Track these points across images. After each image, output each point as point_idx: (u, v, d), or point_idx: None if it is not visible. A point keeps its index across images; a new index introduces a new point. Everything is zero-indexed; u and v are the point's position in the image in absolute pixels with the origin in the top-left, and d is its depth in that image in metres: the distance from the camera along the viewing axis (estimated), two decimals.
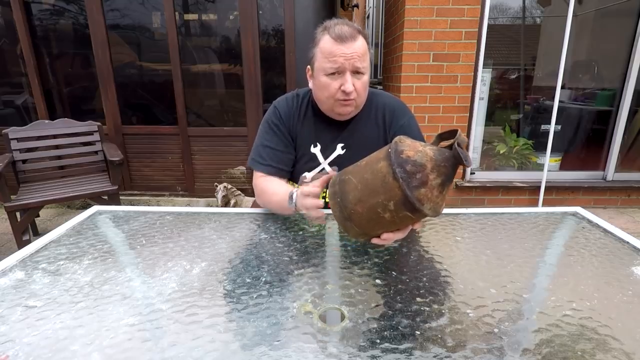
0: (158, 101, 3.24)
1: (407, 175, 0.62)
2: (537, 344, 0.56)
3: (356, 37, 0.96)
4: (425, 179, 0.62)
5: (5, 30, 3.01)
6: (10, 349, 0.56)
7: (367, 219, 0.68)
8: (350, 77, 0.97)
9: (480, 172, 3.17)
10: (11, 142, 2.50)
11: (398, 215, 0.65)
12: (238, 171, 3.24)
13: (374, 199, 0.65)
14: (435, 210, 0.65)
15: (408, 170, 0.62)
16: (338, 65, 0.96)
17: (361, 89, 1.00)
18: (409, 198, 0.61)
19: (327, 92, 1.01)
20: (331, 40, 0.96)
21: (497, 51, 3.29)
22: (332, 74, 0.98)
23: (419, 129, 1.13)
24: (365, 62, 0.99)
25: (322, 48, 0.98)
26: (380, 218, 0.66)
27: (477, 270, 0.78)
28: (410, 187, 0.61)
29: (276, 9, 2.96)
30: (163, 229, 1.00)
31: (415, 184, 0.62)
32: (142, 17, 3.02)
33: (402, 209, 0.64)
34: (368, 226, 0.69)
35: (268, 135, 1.11)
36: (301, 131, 1.12)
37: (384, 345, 0.56)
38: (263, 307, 0.65)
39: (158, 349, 0.56)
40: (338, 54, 0.95)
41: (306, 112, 1.13)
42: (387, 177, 0.63)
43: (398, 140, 0.68)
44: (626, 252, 0.86)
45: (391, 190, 0.63)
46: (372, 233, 0.71)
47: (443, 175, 0.63)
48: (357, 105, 1.05)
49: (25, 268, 0.80)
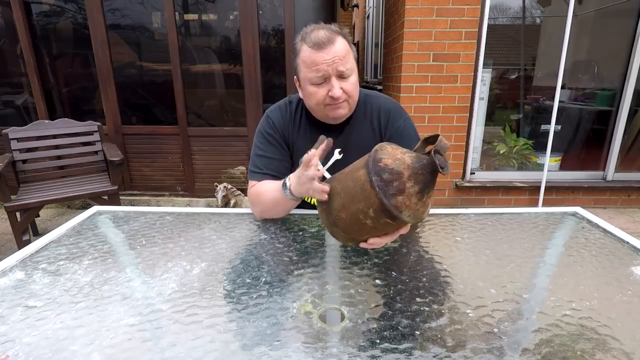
0: (158, 101, 3.24)
1: (383, 183, 0.63)
2: (537, 344, 0.56)
3: (334, 40, 0.94)
4: (402, 187, 0.62)
5: (5, 30, 3.01)
6: (10, 349, 0.56)
7: (350, 224, 0.69)
8: (337, 82, 0.96)
9: (480, 172, 3.17)
10: (11, 142, 2.50)
11: (379, 222, 0.66)
12: (238, 171, 3.24)
13: (355, 205, 0.66)
14: (415, 217, 0.65)
15: (385, 178, 0.63)
16: (322, 73, 0.95)
17: (350, 89, 0.99)
18: (387, 206, 0.62)
19: (316, 99, 1.00)
20: (309, 49, 0.95)
21: (497, 51, 3.29)
22: (318, 83, 0.97)
23: (415, 130, 1.12)
24: (349, 64, 0.97)
25: (303, 58, 0.97)
26: (362, 224, 0.67)
27: (477, 270, 0.78)
28: (387, 195, 0.62)
29: (276, 9, 2.96)
30: (163, 229, 1.00)
31: (392, 192, 0.62)
32: (142, 17, 3.02)
33: (381, 216, 0.64)
34: (353, 231, 0.70)
35: (263, 145, 1.11)
36: (297, 139, 1.11)
37: (384, 345, 0.56)
38: (263, 307, 0.66)
39: (158, 349, 0.56)
40: (319, 61, 0.94)
41: (300, 119, 1.12)
42: (366, 185, 0.64)
43: (378, 148, 0.68)
44: (626, 252, 0.86)
45: (369, 198, 0.64)
46: (359, 238, 0.72)
47: (421, 183, 0.63)
48: (350, 106, 1.04)
49: (25, 268, 0.80)
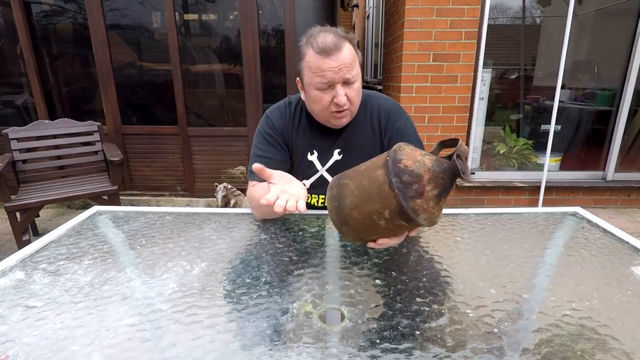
0: (158, 101, 3.24)
1: (403, 185, 0.61)
2: (537, 344, 0.56)
3: (341, 47, 0.92)
4: (421, 189, 0.61)
5: (5, 30, 3.01)
6: (10, 349, 0.56)
7: (362, 224, 0.68)
8: (342, 89, 0.95)
9: (480, 172, 3.17)
10: (11, 142, 2.50)
11: (393, 224, 0.65)
12: (238, 171, 3.24)
13: (370, 206, 0.65)
14: (431, 220, 0.65)
15: (404, 180, 0.62)
16: (327, 80, 0.93)
17: (354, 96, 0.99)
18: (404, 209, 0.61)
19: (320, 105, 0.99)
20: (315, 54, 0.93)
21: (497, 51, 3.29)
22: (323, 89, 0.96)
23: (415, 131, 1.12)
24: (355, 70, 0.96)
25: (309, 63, 0.95)
26: (375, 225, 0.66)
27: (476, 270, 0.78)
28: (406, 197, 0.61)
29: (276, 9, 2.96)
30: (163, 229, 1.00)
31: (411, 194, 0.61)
32: (142, 17, 3.02)
33: (397, 218, 0.63)
34: (364, 231, 0.69)
35: (262, 145, 1.10)
36: (297, 140, 1.11)
37: (384, 345, 0.56)
38: (263, 307, 0.65)
39: (158, 349, 0.56)
40: (325, 68, 0.92)
41: (300, 120, 1.11)
42: (384, 186, 0.63)
43: (397, 148, 0.67)
44: (626, 252, 0.86)
45: (387, 199, 0.63)
46: (368, 238, 0.71)
47: (440, 187, 0.62)
48: (352, 113, 1.03)
49: (25, 268, 0.80)
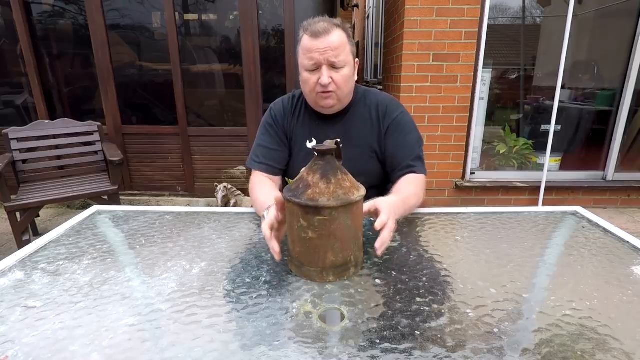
0: (158, 101, 3.24)
1: (292, 193, 0.72)
2: (537, 344, 0.56)
3: (330, 32, 0.98)
4: (306, 183, 0.71)
5: (5, 30, 3.01)
6: (10, 349, 0.56)
7: (306, 251, 0.73)
8: (327, 71, 1.00)
9: (480, 172, 3.16)
10: (11, 142, 2.50)
11: (318, 227, 0.70)
12: (238, 171, 3.24)
13: (294, 228, 0.73)
14: (336, 199, 0.69)
15: (292, 189, 0.73)
16: (314, 61, 0.99)
17: (340, 81, 1.02)
18: (302, 204, 0.69)
19: (308, 86, 1.04)
20: (307, 37, 1.00)
21: (497, 51, 3.28)
22: (311, 70, 1.01)
23: (413, 123, 1.15)
24: (342, 56, 1.00)
25: (302, 45, 1.02)
26: (311, 241, 0.71)
27: (477, 270, 0.78)
28: (298, 196, 0.70)
29: (276, 9, 2.96)
30: (163, 229, 1.00)
31: (301, 191, 0.71)
32: (142, 17, 3.02)
33: (311, 218, 0.70)
34: (316, 257, 0.73)
35: (264, 135, 1.17)
36: (297, 128, 1.16)
37: (384, 345, 0.56)
38: (263, 307, 0.65)
39: (158, 349, 0.56)
40: (313, 49, 0.98)
41: (301, 110, 1.17)
42: (289, 206, 0.73)
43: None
44: (626, 251, 0.86)
45: (293, 212, 0.72)
46: (329, 263, 0.73)
47: (320, 170, 0.72)
48: (339, 98, 1.06)
49: (24, 268, 0.80)
